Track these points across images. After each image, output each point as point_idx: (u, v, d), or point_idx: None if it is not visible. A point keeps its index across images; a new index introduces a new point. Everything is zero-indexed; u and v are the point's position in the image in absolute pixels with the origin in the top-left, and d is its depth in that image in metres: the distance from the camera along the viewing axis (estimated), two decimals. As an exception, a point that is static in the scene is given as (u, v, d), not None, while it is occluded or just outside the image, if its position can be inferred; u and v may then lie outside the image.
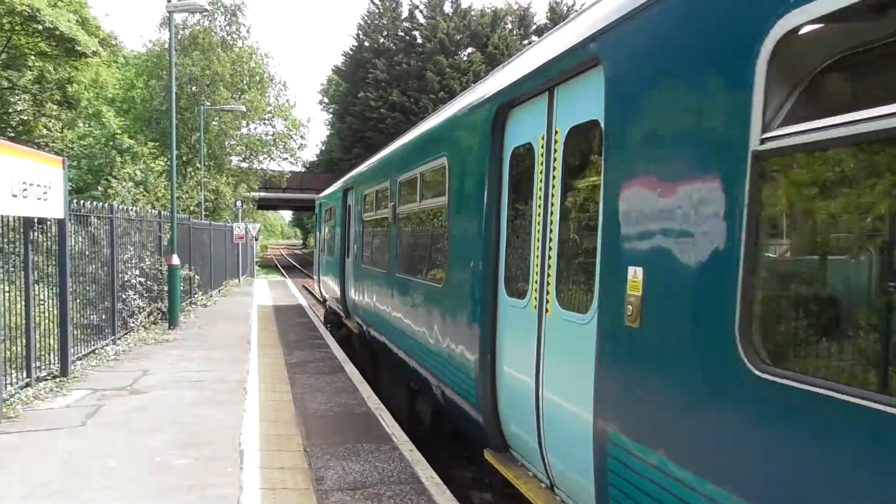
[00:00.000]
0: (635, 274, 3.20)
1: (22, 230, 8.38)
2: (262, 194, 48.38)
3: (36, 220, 8.62)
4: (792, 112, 2.43)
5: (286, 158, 41.73)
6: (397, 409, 8.65)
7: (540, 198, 4.36)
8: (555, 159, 4.22)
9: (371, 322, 10.10)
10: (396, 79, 56.99)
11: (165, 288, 14.82)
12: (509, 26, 60.71)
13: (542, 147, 4.38)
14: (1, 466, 5.89)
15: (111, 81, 33.49)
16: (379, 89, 57.52)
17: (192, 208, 26.51)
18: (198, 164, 29.37)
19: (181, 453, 6.28)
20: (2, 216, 7.42)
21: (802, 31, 2.34)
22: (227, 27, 35.97)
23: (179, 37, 33.48)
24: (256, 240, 45.73)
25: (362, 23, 63.23)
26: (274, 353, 12.12)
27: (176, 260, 14.64)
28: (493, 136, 5.06)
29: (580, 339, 3.78)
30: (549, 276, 4.24)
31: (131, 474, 5.73)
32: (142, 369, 10.22)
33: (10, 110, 30.03)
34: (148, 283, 14.24)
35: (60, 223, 9.20)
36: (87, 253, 10.97)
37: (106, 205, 12.17)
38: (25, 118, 30.62)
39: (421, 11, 61.58)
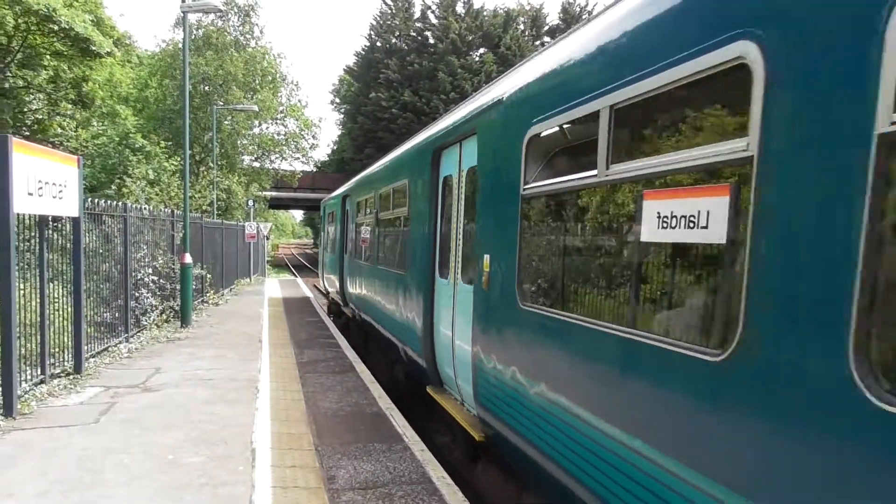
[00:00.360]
0: (486, 259, 5.40)
1: (37, 228, 8.45)
2: (274, 194, 48.58)
3: (51, 219, 8.69)
4: (535, 175, 4.58)
5: (298, 158, 41.89)
6: (384, 377, 10.72)
7: (455, 211, 6.69)
8: (460, 187, 6.61)
9: (360, 305, 12.93)
10: (408, 79, 57.05)
11: (178, 286, 14.91)
12: (522, 27, 60.65)
13: (456, 179, 6.75)
14: (17, 462, 5.94)
15: (125, 81, 33.71)
16: (391, 89, 57.60)
17: (204, 207, 26.65)
18: (210, 164, 29.52)
19: (194, 451, 6.32)
20: (18, 214, 7.48)
21: (542, 133, 4.51)
22: (241, 27, 36.13)
23: (193, 37, 33.67)
24: (268, 239, 45.90)
25: (374, 23, 63.32)
26: (285, 352, 12.16)
27: (188, 259, 14.73)
28: (432, 167, 7.48)
29: (469, 301, 5.94)
30: (458, 262, 6.58)
31: (144, 471, 5.77)
32: (154, 367, 10.29)
33: (26, 109, 30.27)
34: (161, 281, 14.34)
35: (75, 221, 9.28)
36: (100, 251, 11.05)
37: (119, 203, 12.26)
38: (40, 117, 30.87)
39: (433, 12, 61.61)
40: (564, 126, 4.20)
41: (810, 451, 2.24)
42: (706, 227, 2.82)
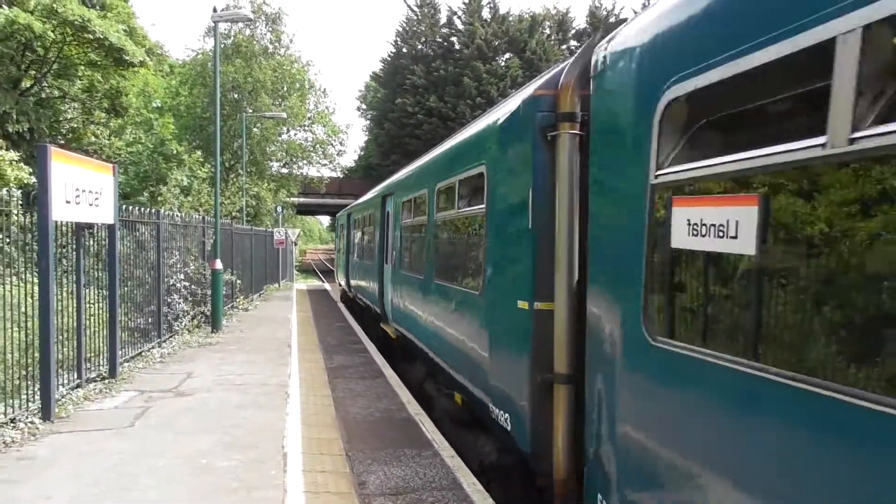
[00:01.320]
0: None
1: (74, 235, 8.62)
2: (302, 200, 48.99)
3: (87, 226, 8.86)
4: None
5: (325, 164, 42.22)
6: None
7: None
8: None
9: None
10: (434, 85, 57.23)
11: (208, 292, 15.09)
12: (547, 31, 60.54)
13: None
14: (54, 465, 6.05)
15: (159, 90, 34.34)
16: (416, 95, 57.81)
17: (234, 214, 26.96)
18: (240, 170, 29.89)
19: (226, 455, 6.38)
20: (55, 222, 7.63)
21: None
22: (269, 35, 36.57)
23: (223, 45, 34.14)
24: (296, 245, 46.25)
25: (400, 29, 63.66)
26: (314, 357, 12.24)
27: (219, 264, 14.90)
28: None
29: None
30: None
31: (178, 475, 5.84)
32: (186, 372, 10.41)
33: (61, 118, 30.90)
34: (192, 287, 14.52)
35: (110, 228, 9.44)
36: (134, 258, 11.23)
37: (153, 210, 12.46)
38: (75, 126, 31.49)
39: (459, 17, 61.72)
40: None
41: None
42: None
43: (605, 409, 3.74)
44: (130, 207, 11.20)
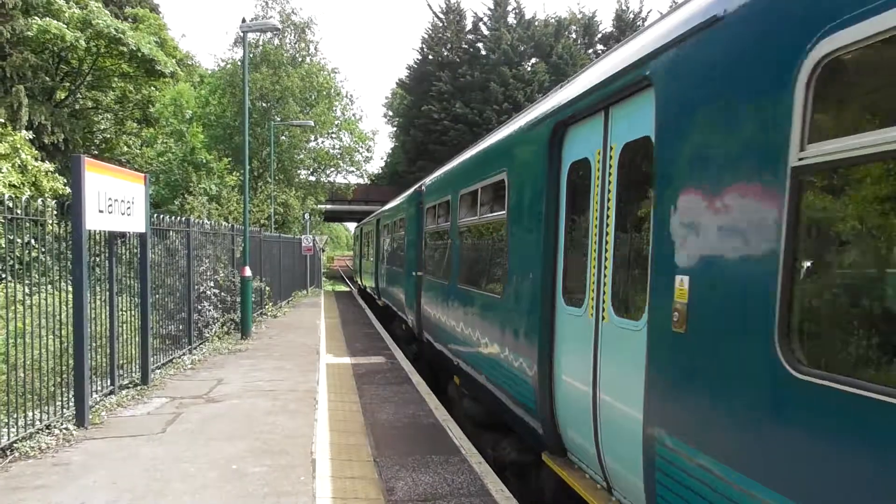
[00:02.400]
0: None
1: (106, 244, 8.79)
2: (329, 207, 49.35)
3: (119, 235, 9.03)
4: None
5: (352, 171, 42.52)
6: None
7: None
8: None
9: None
10: (460, 91, 57.35)
11: (238, 299, 15.27)
12: (574, 35, 60.38)
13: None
14: (89, 471, 6.16)
15: (190, 100, 34.99)
16: (442, 101, 57.97)
17: (262, 221, 27.26)
18: (268, 178, 30.25)
19: (256, 461, 6.45)
20: (89, 231, 7.79)
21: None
22: (297, 44, 36.97)
23: (251, 55, 34.61)
24: (323, 251, 46.61)
25: (426, 36, 63.90)
26: (343, 362, 12.31)
27: (248, 272, 15.08)
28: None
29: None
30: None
31: (210, 481, 5.92)
32: (216, 378, 10.54)
33: (94, 129, 31.59)
34: (222, 294, 14.70)
35: (142, 237, 9.61)
36: (164, 266, 11.41)
37: (183, 219, 12.65)
38: (108, 136, 32.19)
39: (485, 23, 61.82)
40: None
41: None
42: None
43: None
44: (162, 216, 11.39)
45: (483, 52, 59.45)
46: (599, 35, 62.06)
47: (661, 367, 3.61)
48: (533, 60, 58.68)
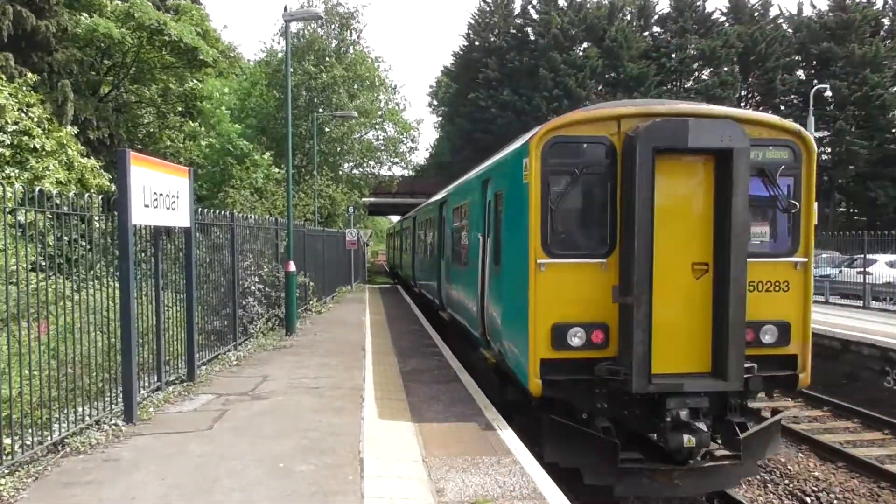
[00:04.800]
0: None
1: (152, 239, 9.04)
2: (373, 200, 49.67)
3: (164, 229, 9.28)
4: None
5: (396, 163, 42.72)
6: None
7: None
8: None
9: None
10: (508, 77, 57.10)
11: (282, 294, 15.52)
12: (628, 18, 59.45)
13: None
14: (138, 467, 6.37)
15: (232, 95, 35.58)
16: (490, 89, 57.80)
17: (307, 216, 27.63)
18: (313, 172, 30.64)
19: (303, 459, 6.57)
20: (134, 225, 8.02)
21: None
22: (340, 34, 37.25)
23: (294, 45, 35.02)
24: (367, 246, 47.05)
25: (473, 22, 63.79)
26: (388, 361, 12.43)
27: (292, 267, 15.30)
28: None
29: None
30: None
31: (257, 478, 6.05)
32: (262, 375, 10.76)
33: (138, 123, 32.43)
34: (266, 289, 14.98)
35: (187, 232, 9.85)
36: (208, 261, 11.68)
37: (227, 213, 12.92)
38: (151, 130, 33.01)
39: (534, 7, 61.36)
40: None
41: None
42: None
43: None
44: (206, 210, 11.65)
45: (532, 37, 59.03)
46: (656, 17, 60.93)
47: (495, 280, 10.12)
48: (585, 45, 57.98)
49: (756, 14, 58.61)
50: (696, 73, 57.48)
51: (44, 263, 7.33)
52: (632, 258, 7.51)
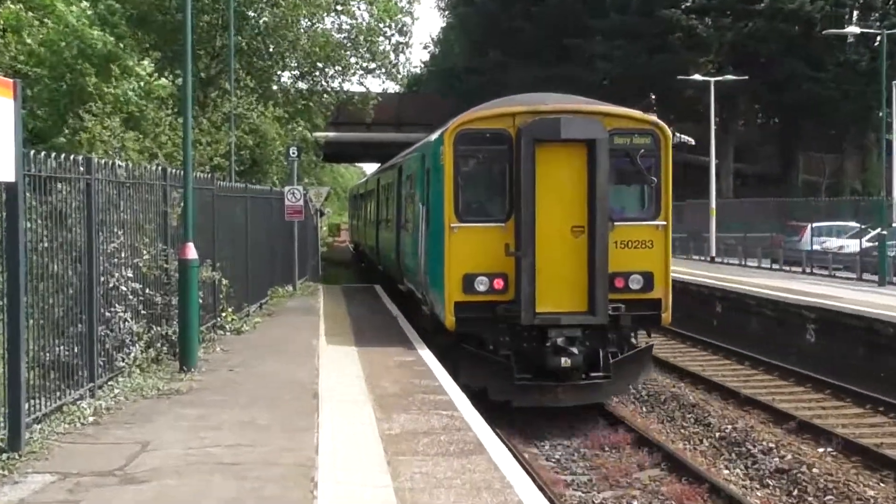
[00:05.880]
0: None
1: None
2: (333, 135, 49.58)
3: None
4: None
5: (373, 71, 42.52)
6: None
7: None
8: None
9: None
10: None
11: (175, 301, 15.39)
12: None
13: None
14: None
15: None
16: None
17: (216, 162, 27.50)
18: (227, 86, 30.41)
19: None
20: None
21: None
22: None
23: None
24: (322, 215, 46.85)
25: None
26: (359, 416, 12.35)
27: (192, 252, 15.13)
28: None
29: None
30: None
31: None
32: (139, 441, 10.69)
33: None
34: (147, 291, 14.86)
35: (9, 191, 9.67)
36: (47, 242, 11.51)
37: (79, 158, 12.68)
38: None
39: None
40: None
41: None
42: None
43: None
44: (44, 155, 11.44)
45: None
46: None
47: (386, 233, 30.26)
48: None
49: None
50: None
51: None
52: (521, 222, 17.16)
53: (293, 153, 35.80)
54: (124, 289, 14.10)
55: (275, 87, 37.81)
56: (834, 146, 73.32)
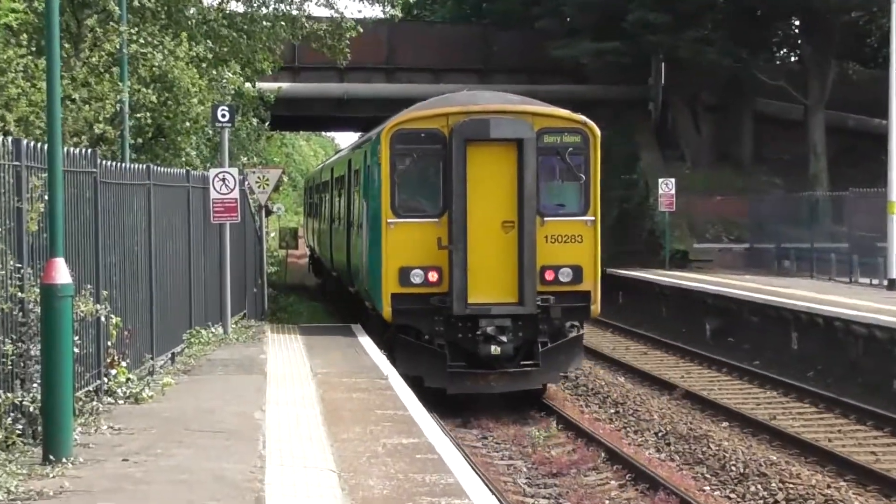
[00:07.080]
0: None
1: None
2: (288, 86, 49.96)
3: None
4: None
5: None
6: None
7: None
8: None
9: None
10: None
11: (36, 350, 15.40)
12: None
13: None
14: None
15: None
16: None
17: (100, 128, 27.63)
18: (112, 6, 30.57)
19: None
20: None
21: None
22: None
23: None
24: (270, 214, 46.83)
25: None
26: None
27: (63, 273, 15.11)
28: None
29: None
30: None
31: None
32: None
33: None
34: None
35: None
36: None
37: None
38: None
39: None
40: None
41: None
42: None
43: None
44: None
45: None
46: None
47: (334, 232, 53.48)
48: None
49: None
50: None
51: None
52: (453, 218, 30.86)
53: (223, 116, 35.55)
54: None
55: (191, 10, 37.93)
56: None
